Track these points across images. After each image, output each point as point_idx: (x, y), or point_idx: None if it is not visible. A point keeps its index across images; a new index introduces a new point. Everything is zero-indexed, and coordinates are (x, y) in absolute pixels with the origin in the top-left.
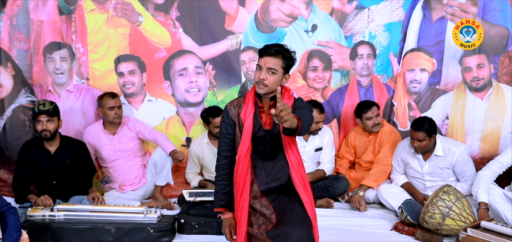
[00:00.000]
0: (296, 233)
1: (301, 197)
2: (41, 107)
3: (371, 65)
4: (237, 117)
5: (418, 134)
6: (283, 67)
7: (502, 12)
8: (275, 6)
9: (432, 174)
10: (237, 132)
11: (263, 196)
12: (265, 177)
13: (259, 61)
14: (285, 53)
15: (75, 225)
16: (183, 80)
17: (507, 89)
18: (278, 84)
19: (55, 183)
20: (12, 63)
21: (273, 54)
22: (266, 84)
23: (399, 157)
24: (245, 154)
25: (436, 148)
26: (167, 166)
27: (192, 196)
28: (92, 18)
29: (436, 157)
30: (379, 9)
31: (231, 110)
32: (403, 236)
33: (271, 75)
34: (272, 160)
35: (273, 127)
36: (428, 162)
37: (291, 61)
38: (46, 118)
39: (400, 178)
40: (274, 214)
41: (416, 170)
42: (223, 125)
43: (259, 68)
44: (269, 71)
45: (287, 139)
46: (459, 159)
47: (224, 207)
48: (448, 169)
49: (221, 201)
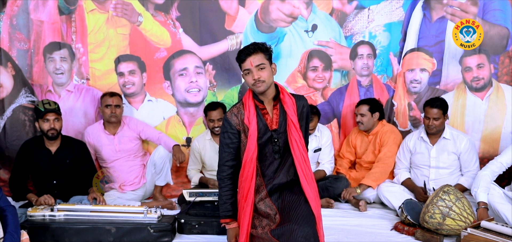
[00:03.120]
0: (301, 230)
1: (306, 193)
2: (47, 106)
3: (371, 65)
4: (241, 124)
5: (433, 111)
6: (266, 58)
7: (502, 12)
8: (275, 6)
9: (438, 161)
10: (242, 139)
11: (267, 197)
12: (273, 179)
13: (244, 67)
14: (261, 46)
15: (75, 225)
16: (183, 80)
17: (507, 89)
18: (272, 77)
19: (56, 183)
20: (12, 63)
21: (253, 52)
22: (262, 80)
23: (406, 147)
24: (251, 158)
25: (445, 131)
26: (167, 166)
27: (192, 196)
28: (92, 18)
29: (444, 140)
30: (379, 9)
31: (233, 119)
32: (403, 236)
33: (263, 71)
34: (280, 160)
35: (280, 126)
36: (436, 146)
37: (269, 51)
38: (54, 117)
39: (402, 174)
40: (278, 213)
41: (423, 155)
42: (226, 135)
43: (247, 72)
44: (258, 67)
45: (294, 136)
46: (466, 147)
47: (230, 218)
48: (454, 155)
49: (227, 212)
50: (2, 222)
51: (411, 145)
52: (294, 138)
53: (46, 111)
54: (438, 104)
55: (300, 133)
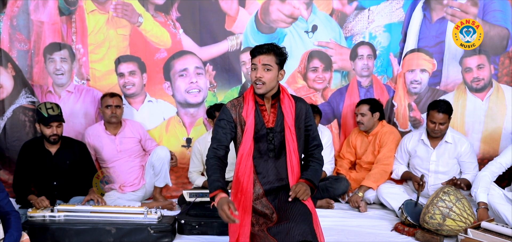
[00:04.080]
0: (298, 228)
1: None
2: (51, 111)
3: (371, 66)
4: (238, 116)
5: (439, 116)
6: (277, 62)
7: (502, 12)
8: (275, 6)
9: (438, 165)
10: (238, 132)
11: (264, 196)
12: (267, 177)
13: (253, 61)
14: (276, 49)
15: (76, 225)
16: (183, 81)
17: (507, 89)
18: (275, 81)
19: (56, 184)
20: (13, 64)
21: (265, 52)
22: (263, 81)
23: (404, 148)
24: (247, 153)
25: (447, 135)
26: (165, 168)
27: (192, 197)
28: (92, 18)
29: (446, 144)
30: (379, 10)
31: (232, 109)
32: (404, 236)
33: (267, 72)
34: (274, 159)
35: (276, 125)
36: (437, 149)
37: (283, 57)
38: (57, 124)
39: (400, 168)
40: (274, 213)
41: (422, 159)
42: (222, 123)
43: (254, 67)
44: (264, 67)
45: (290, 137)
46: (466, 150)
47: (221, 189)
48: (454, 160)
49: (218, 182)
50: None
51: (410, 146)
52: (287, 140)
53: (50, 119)
54: (444, 108)
55: (294, 136)
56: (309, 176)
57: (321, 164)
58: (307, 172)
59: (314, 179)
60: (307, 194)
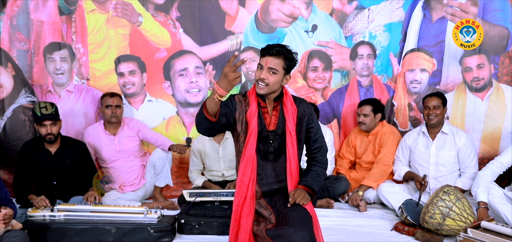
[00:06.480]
0: (298, 234)
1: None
2: (44, 111)
3: (371, 65)
4: (243, 114)
5: (432, 100)
6: (284, 67)
7: (502, 12)
8: (275, 6)
9: (438, 157)
10: (238, 128)
11: (262, 197)
12: (266, 178)
13: (260, 60)
14: (287, 54)
15: (76, 225)
16: (183, 80)
17: (507, 89)
18: (279, 84)
19: (56, 183)
20: (12, 64)
21: (275, 54)
22: (266, 83)
23: (405, 144)
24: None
25: (444, 126)
26: (166, 167)
27: (192, 197)
28: (92, 18)
29: (443, 135)
30: (379, 10)
31: (239, 105)
32: (404, 236)
33: (272, 75)
34: (274, 161)
35: (277, 128)
36: (436, 141)
37: (292, 62)
38: (50, 122)
39: (402, 169)
40: (273, 214)
41: (422, 152)
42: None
43: (260, 67)
44: (270, 70)
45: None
46: (465, 143)
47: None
48: (453, 152)
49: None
50: None
51: (410, 141)
52: (288, 145)
53: (42, 118)
54: (436, 93)
55: (295, 141)
56: (308, 182)
57: (323, 167)
58: (307, 178)
59: (314, 185)
60: (307, 199)
